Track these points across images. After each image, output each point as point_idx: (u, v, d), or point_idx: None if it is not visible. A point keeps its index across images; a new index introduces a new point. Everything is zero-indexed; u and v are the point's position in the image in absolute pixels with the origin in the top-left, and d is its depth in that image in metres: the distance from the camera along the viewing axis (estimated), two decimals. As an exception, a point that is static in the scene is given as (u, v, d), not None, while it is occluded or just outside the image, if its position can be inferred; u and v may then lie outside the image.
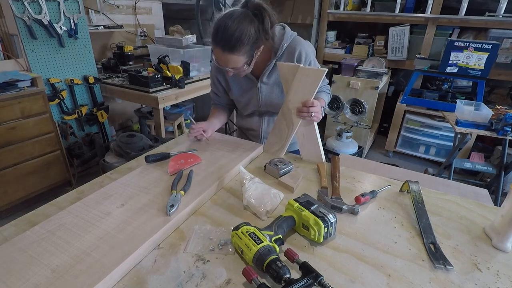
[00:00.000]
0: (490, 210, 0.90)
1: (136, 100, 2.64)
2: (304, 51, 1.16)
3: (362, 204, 0.90)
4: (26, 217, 0.83)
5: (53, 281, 0.60)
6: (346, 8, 3.49)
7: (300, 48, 1.15)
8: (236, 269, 0.67)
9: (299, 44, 1.16)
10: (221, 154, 1.13)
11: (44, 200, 1.67)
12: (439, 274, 0.67)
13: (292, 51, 1.15)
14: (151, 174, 1.00)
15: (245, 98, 1.30)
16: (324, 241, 0.75)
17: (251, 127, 1.40)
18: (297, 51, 1.15)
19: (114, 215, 0.79)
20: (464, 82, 3.26)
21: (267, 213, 0.84)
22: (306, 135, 1.13)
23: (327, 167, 1.10)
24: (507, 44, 2.85)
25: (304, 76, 1.03)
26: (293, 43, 1.16)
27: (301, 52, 1.15)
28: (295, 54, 1.15)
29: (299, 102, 1.06)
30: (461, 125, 2.14)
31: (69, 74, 2.47)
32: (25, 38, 2.14)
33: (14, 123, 2.04)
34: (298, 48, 1.15)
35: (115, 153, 2.19)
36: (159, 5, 3.47)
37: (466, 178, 2.85)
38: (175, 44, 2.91)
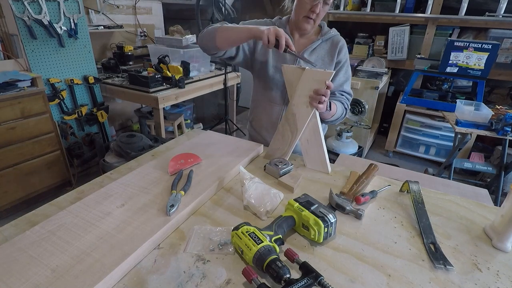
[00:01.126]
0: (490, 210, 0.90)
1: (136, 100, 2.64)
2: (345, 48, 1.25)
3: (362, 204, 0.90)
4: (26, 217, 0.83)
5: (53, 281, 0.60)
6: (346, 8, 3.49)
7: (343, 44, 1.24)
8: (236, 269, 0.67)
9: (343, 41, 1.26)
10: (221, 154, 1.13)
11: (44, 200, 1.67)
12: (439, 274, 0.67)
13: (337, 41, 1.23)
14: (151, 174, 0.99)
15: (277, 75, 1.24)
16: (324, 241, 0.75)
17: (269, 119, 1.32)
18: (341, 42, 1.23)
19: (114, 215, 0.79)
20: (464, 82, 3.27)
21: (267, 213, 0.84)
22: (311, 140, 1.08)
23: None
24: (507, 44, 2.85)
25: (310, 79, 0.99)
26: (339, 36, 1.26)
27: (343, 45, 1.24)
28: (338, 44, 1.23)
29: (304, 106, 1.03)
30: (461, 125, 2.14)
31: (69, 74, 2.47)
32: (25, 38, 2.14)
33: (14, 123, 2.04)
34: (342, 42, 1.24)
35: (115, 153, 2.19)
36: (159, 5, 3.47)
37: (466, 178, 2.85)
38: (175, 44, 2.91)
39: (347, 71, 1.28)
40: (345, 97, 1.28)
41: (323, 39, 1.23)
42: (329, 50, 1.24)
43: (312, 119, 1.04)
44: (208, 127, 3.86)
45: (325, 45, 1.24)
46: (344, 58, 1.25)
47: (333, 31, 1.26)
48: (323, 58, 1.24)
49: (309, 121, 1.04)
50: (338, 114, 1.24)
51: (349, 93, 1.30)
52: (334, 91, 1.26)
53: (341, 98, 1.27)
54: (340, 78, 1.26)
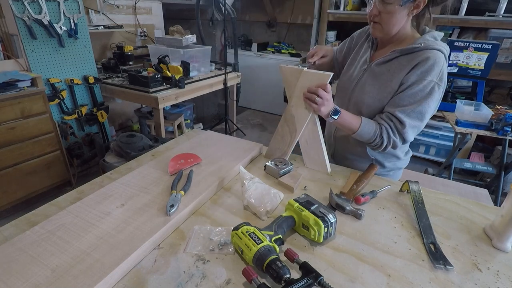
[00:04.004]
0: (490, 210, 0.90)
1: (136, 100, 2.64)
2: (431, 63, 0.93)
3: (362, 204, 0.90)
4: (26, 217, 0.83)
5: (53, 281, 0.60)
6: (346, 8, 3.49)
7: (431, 57, 0.93)
8: (236, 269, 0.67)
9: (434, 57, 0.93)
10: (221, 154, 1.13)
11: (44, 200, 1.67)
12: (439, 274, 0.67)
13: (420, 55, 0.94)
14: (151, 174, 1.00)
15: (345, 77, 1.16)
16: (324, 241, 0.75)
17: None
18: (425, 56, 0.93)
19: (114, 215, 0.79)
20: (464, 82, 3.26)
21: (267, 213, 0.84)
22: (310, 141, 1.08)
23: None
24: (507, 44, 2.85)
25: (308, 80, 0.99)
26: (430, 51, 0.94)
27: (428, 60, 0.93)
28: (420, 57, 0.94)
29: (302, 107, 1.03)
30: (461, 125, 2.13)
31: (69, 74, 2.46)
32: (25, 38, 2.14)
33: (14, 123, 2.04)
34: (429, 55, 0.93)
35: (115, 153, 2.18)
36: (159, 5, 3.47)
37: (466, 178, 2.85)
38: (175, 44, 2.91)
39: (417, 95, 0.95)
40: (393, 123, 0.99)
41: (403, 51, 0.97)
42: (405, 66, 0.97)
43: (311, 121, 1.04)
44: (208, 127, 3.86)
45: (404, 60, 0.98)
46: (417, 77, 0.94)
47: (427, 43, 0.95)
48: (392, 73, 0.99)
49: (307, 122, 1.04)
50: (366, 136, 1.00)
51: (401, 121, 0.97)
52: (384, 111, 1.01)
53: (384, 121, 1.00)
54: (400, 99, 0.98)
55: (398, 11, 0.92)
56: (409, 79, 0.96)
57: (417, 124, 0.98)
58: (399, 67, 0.99)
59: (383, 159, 1.17)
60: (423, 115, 0.97)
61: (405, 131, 0.98)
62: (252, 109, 4.81)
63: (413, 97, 0.96)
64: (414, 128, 0.99)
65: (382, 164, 1.17)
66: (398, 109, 0.98)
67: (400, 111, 0.97)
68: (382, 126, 1.00)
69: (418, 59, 0.95)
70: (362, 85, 1.07)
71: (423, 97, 0.96)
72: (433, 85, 0.95)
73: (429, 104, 0.96)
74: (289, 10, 4.38)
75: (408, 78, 0.96)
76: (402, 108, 0.97)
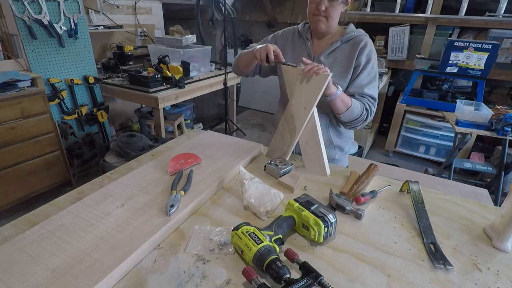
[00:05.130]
0: (490, 210, 0.90)
1: (136, 100, 2.64)
2: (368, 48, 1.14)
3: (362, 204, 0.90)
4: (26, 217, 0.83)
5: (53, 281, 0.60)
6: (346, 8, 3.49)
7: (367, 41, 1.15)
8: (236, 269, 0.67)
9: (369, 41, 1.16)
10: (221, 154, 1.13)
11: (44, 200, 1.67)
12: (439, 274, 0.67)
13: (358, 42, 1.14)
14: (151, 174, 1.00)
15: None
16: (324, 241, 0.75)
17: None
18: (362, 42, 1.13)
19: (114, 215, 0.79)
20: (464, 82, 3.27)
21: (267, 213, 0.84)
22: (310, 142, 1.08)
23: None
24: (507, 44, 2.85)
25: (307, 80, 1.00)
26: (363, 36, 1.16)
27: (366, 46, 1.13)
28: (360, 43, 1.13)
29: (302, 107, 1.03)
30: (461, 125, 2.14)
31: (69, 74, 2.47)
32: (25, 38, 2.14)
33: (14, 123, 2.04)
34: (365, 40, 1.14)
35: (115, 153, 2.18)
36: (159, 5, 3.47)
37: (466, 178, 2.85)
38: (175, 44, 2.91)
39: (370, 73, 1.16)
40: (367, 99, 1.16)
41: (343, 40, 1.15)
42: (349, 52, 1.15)
43: (311, 120, 1.04)
44: (208, 127, 3.86)
45: (346, 47, 1.16)
46: (365, 59, 1.14)
47: (357, 32, 1.17)
48: (341, 61, 1.16)
49: (307, 122, 1.04)
50: (356, 111, 1.12)
51: (372, 97, 1.17)
52: (353, 93, 1.16)
53: (361, 99, 1.16)
54: (361, 80, 1.15)
55: (340, 7, 1.10)
56: (361, 62, 1.14)
57: (377, 96, 1.20)
58: (344, 54, 1.16)
59: (344, 144, 1.31)
60: (377, 88, 1.20)
61: (375, 104, 1.18)
62: (252, 109, 4.81)
63: (369, 75, 1.16)
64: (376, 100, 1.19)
65: (342, 148, 1.31)
66: (364, 88, 1.16)
67: (367, 88, 1.16)
68: (365, 103, 1.15)
69: (359, 45, 1.13)
70: None
71: (374, 73, 1.17)
72: (376, 63, 1.18)
73: (378, 78, 1.19)
74: (289, 10, 4.38)
75: (360, 61, 1.14)
76: (367, 86, 1.16)
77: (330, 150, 1.27)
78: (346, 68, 1.15)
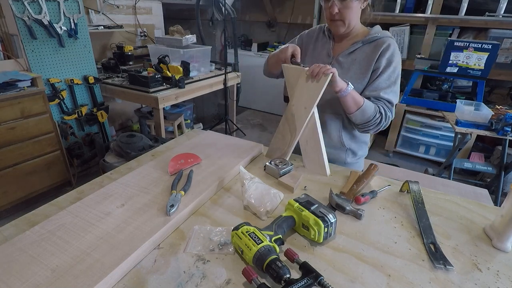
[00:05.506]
0: (490, 210, 0.90)
1: (136, 100, 2.64)
2: (391, 50, 1.08)
3: (362, 204, 0.90)
4: (26, 217, 0.83)
5: (53, 281, 0.60)
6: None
7: (391, 44, 1.09)
8: (236, 269, 0.67)
9: (393, 43, 1.10)
10: (221, 154, 1.13)
11: (44, 200, 1.67)
12: (439, 274, 0.67)
13: (381, 43, 1.09)
14: (151, 174, 1.00)
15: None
16: (324, 241, 0.75)
17: None
18: (384, 45, 1.08)
19: (114, 215, 0.79)
20: (464, 82, 3.26)
21: (267, 213, 0.84)
22: (310, 142, 1.08)
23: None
24: (507, 44, 2.85)
25: (308, 81, 1.00)
26: (386, 38, 1.10)
27: (387, 48, 1.08)
28: (382, 45, 1.08)
29: (302, 107, 1.03)
30: (461, 125, 2.14)
31: (69, 74, 2.47)
32: (25, 38, 2.14)
33: (14, 123, 2.04)
34: (388, 42, 1.09)
35: (115, 153, 2.18)
36: (159, 5, 3.47)
37: (466, 178, 2.85)
38: (175, 44, 2.91)
39: (390, 77, 1.10)
40: (383, 103, 1.10)
41: (364, 41, 1.11)
42: (370, 54, 1.10)
43: (311, 120, 1.04)
44: (208, 127, 3.86)
45: (367, 49, 1.11)
46: (386, 62, 1.08)
47: (381, 33, 1.11)
48: (360, 62, 1.12)
49: (307, 122, 1.04)
50: (368, 112, 1.07)
51: (389, 101, 1.10)
52: (369, 96, 1.11)
53: (376, 102, 1.11)
54: (379, 83, 1.10)
55: (354, 5, 1.05)
56: (380, 64, 1.09)
57: (396, 101, 1.13)
58: (364, 55, 1.12)
59: (357, 148, 1.26)
60: (397, 93, 1.13)
61: (392, 109, 1.12)
62: (252, 109, 4.81)
63: (389, 79, 1.10)
64: (394, 105, 1.13)
65: (355, 152, 1.27)
66: (381, 92, 1.10)
67: (383, 92, 1.10)
68: (380, 106, 1.09)
69: (380, 47, 1.09)
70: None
71: (395, 78, 1.11)
72: (398, 67, 1.11)
73: (399, 83, 1.13)
74: (289, 10, 4.38)
75: (380, 64, 1.09)
76: (384, 90, 1.10)
77: (342, 153, 1.24)
78: (365, 70, 1.11)
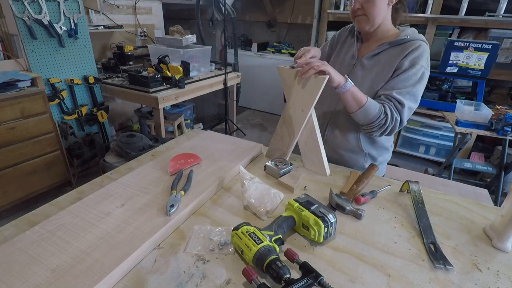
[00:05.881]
0: (490, 210, 0.90)
1: (136, 100, 2.64)
2: (417, 53, 1.01)
3: (362, 204, 0.90)
4: (26, 217, 0.83)
5: (53, 281, 0.60)
6: (346, 8, 3.49)
7: (420, 45, 1.01)
8: (236, 269, 0.67)
9: (423, 46, 1.02)
10: (221, 154, 1.13)
11: (44, 200, 1.67)
12: (439, 274, 0.67)
13: (409, 45, 1.02)
14: (151, 174, 1.00)
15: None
16: (324, 241, 0.75)
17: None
18: (415, 45, 1.01)
19: (114, 215, 0.79)
20: (464, 82, 3.26)
21: (267, 213, 0.84)
22: (309, 143, 1.07)
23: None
24: (507, 44, 2.85)
25: (304, 83, 0.99)
26: (417, 41, 1.03)
27: (418, 48, 1.01)
28: (410, 47, 1.02)
29: (300, 109, 1.03)
30: (461, 125, 2.13)
31: (69, 74, 2.47)
32: (25, 38, 2.14)
33: (14, 123, 2.04)
34: (418, 44, 1.02)
35: (115, 153, 2.18)
36: (159, 5, 3.47)
37: (466, 178, 2.85)
38: (175, 44, 2.91)
39: (410, 79, 1.01)
40: (393, 103, 1.02)
41: (392, 43, 1.05)
42: (395, 56, 1.04)
43: (309, 122, 1.04)
44: (208, 127, 3.86)
45: (393, 51, 1.05)
46: (409, 63, 1.01)
47: (412, 35, 1.04)
48: (383, 64, 1.06)
49: (305, 124, 1.04)
50: (372, 113, 1.00)
51: (400, 102, 1.01)
52: (380, 95, 1.05)
53: (384, 102, 1.03)
54: (395, 83, 1.03)
55: (380, 2, 0.99)
56: (403, 65, 1.02)
57: (412, 105, 1.04)
58: (389, 58, 1.05)
59: (377, 154, 1.20)
60: (416, 97, 1.04)
61: (404, 111, 1.02)
62: (252, 109, 4.81)
63: (407, 81, 1.02)
64: (409, 109, 1.04)
65: (375, 158, 1.20)
66: (394, 91, 1.02)
67: (397, 92, 1.02)
68: (384, 104, 1.02)
69: (408, 49, 1.02)
70: (353, 79, 1.04)
71: (416, 81, 1.02)
72: (423, 70, 1.02)
73: (421, 88, 1.04)
74: (289, 10, 4.38)
75: (402, 64, 1.02)
76: (398, 91, 1.02)
77: (360, 158, 1.19)
78: (387, 72, 1.05)
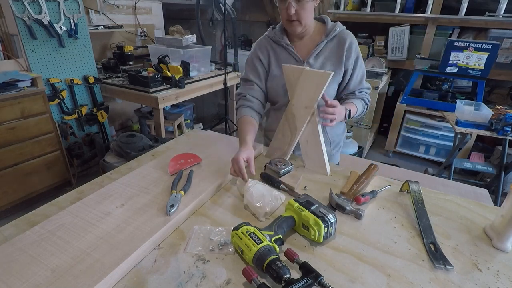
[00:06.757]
0: (490, 210, 0.90)
1: (136, 100, 2.64)
2: (355, 43, 1.17)
3: (362, 204, 0.90)
4: (26, 217, 0.83)
5: (53, 281, 0.60)
6: (346, 8, 3.49)
7: (351, 39, 1.16)
8: (236, 269, 0.67)
9: (351, 35, 1.17)
10: (221, 154, 1.13)
11: (44, 200, 1.67)
12: (439, 274, 0.67)
13: (343, 39, 1.15)
14: (151, 174, 1.00)
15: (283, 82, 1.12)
16: (324, 241, 0.75)
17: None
18: (348, 39, 1.15)
19: (114, 215, 0.79)
20: (464, 82, 3.26)
21: (265, 214, 0.84)
22: (310, 141, 1.07)
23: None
24: (507, 44, 2.85)
25: (308, 80, 1.00)
26: (345, 32, 1.17)
27: (352, 42, 1.16)
28: (346, 42, 1.15)
29: (303, 106, 1.03)
30: (461, 125, 2.13)
31: (69, 74, 2.46)
32: (25, 38, 2.14)
33: (14, 123, 2.04)
34: (349, 38, 1.16)
35: (115, 153, 2.18)
36: (159, 5, 3.47)
37: (466, 178, 2.85)
38: (175, 44, 2.91)
39: (361, 66, 1.21)
40: (364, 92, 1.24)
41: (328, 39, 1.15)
42: (336, 50, 1.16)
43: (311, 121, 1.04)
44: (208, 127, 3.86)
45: (331, 45, 1.17)
46: (355, 54, 1.17)
47: (338, 27, 1.16)
48: (331, 59, 1.17)
49: (308, 122, 1.04)
50: (359, 112, 1.21)
51: (368, 88, 1.26)
52: (353, 90, 1.22)
53: (361, 95, 1.23)
54: (357, 76, 1.21)
55: (309, 6, 1.07)
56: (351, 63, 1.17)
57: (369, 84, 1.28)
58: (331, 52, 1.17)
59: (339, 139, 1.36)
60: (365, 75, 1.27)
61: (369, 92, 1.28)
62: (252, 109, 4.80)
63: (361, 68, 1.21)
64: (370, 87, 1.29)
65: (338, 143, 1.36)
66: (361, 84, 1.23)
67: (363, 82, 1.24)
68: (363, 98, 1.23)
69: (344, 45, 1.15)
70: None
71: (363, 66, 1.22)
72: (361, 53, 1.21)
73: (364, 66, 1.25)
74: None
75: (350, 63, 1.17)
76: (361, 81, 1.23)
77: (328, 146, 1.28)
78: (337, 66, 1.17)
